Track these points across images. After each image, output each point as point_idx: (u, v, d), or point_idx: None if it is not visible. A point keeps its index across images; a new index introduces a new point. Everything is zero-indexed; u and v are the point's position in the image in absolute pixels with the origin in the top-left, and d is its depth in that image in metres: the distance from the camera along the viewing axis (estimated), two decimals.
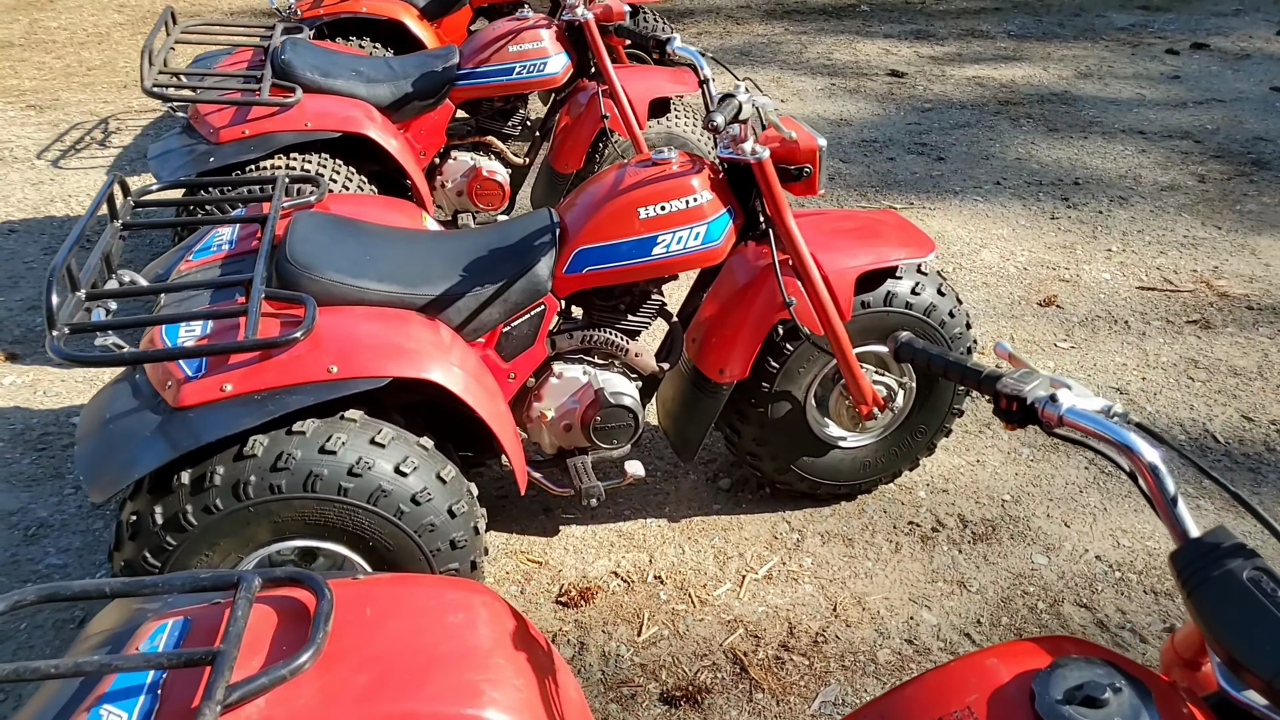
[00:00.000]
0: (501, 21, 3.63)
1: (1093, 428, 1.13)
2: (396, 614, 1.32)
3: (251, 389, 1.82)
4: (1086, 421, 1.13)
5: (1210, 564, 0.98)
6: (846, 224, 2.51)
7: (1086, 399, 1.18)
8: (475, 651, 1.29)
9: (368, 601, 1.33)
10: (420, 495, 1.89)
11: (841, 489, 2.71)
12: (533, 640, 1.38)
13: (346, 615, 1.28)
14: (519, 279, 2.22)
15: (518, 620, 1.39)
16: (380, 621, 1.30)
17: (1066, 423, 1.15)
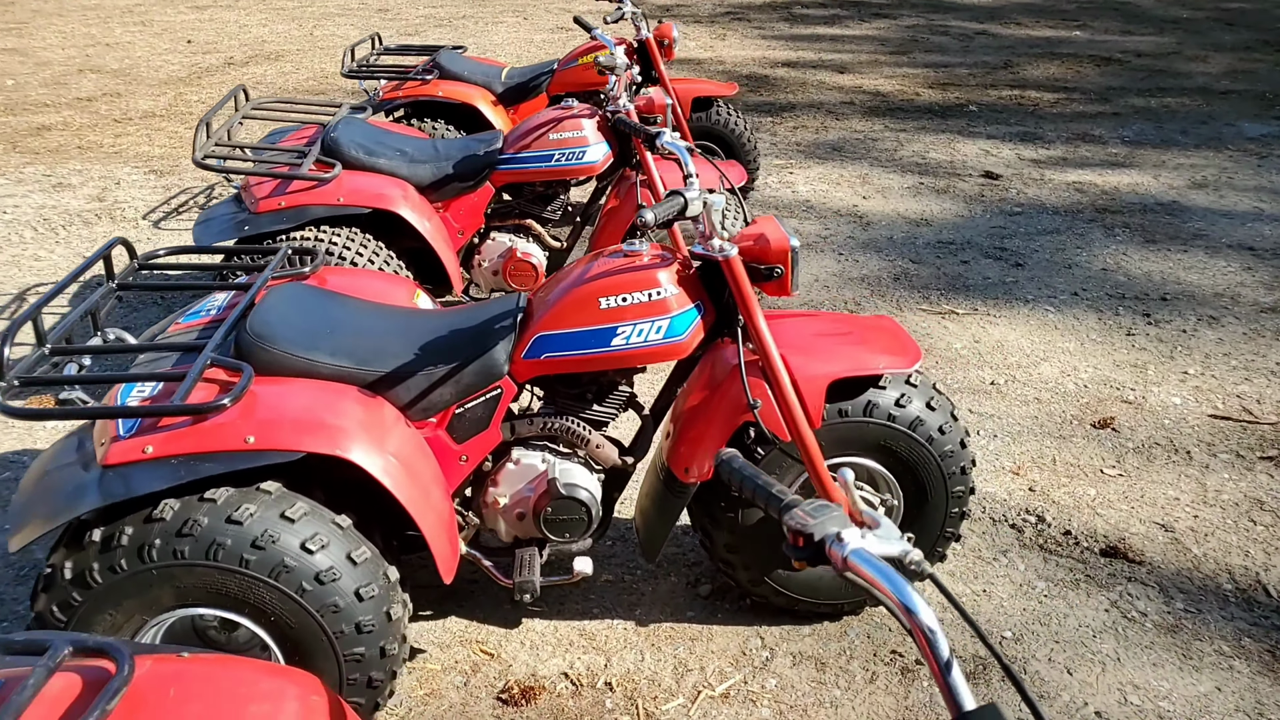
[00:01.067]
0: (548, 110, 3.71)
1: (875, 576, 1.01)
2: (198, 698, 1.28)
3: (171, 452, 1.85)
4: (869, 568, 1.02)
5: None
6: (832, 328, 2.40)
7: (882, 542, 1.06)
8: None
9: (175, 681, 1.30)
10: (325, 574, 1.87)
11: (821, 607, 2.55)
12: None
13: (147, 693, 1.25)
14: (474, 361, 2.20)
15: (335, 717, 1.33)
16: (179, 704, 1.26)
17: (850, 566, 1.03)
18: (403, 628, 2.02)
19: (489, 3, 12.13)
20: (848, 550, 1.03)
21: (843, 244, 5.13)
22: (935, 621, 0.98)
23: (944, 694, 0.95)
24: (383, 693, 2.01)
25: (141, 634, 1.88)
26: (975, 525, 2.98)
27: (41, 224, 5.18)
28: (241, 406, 1.91)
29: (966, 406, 3.62)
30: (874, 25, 11.14)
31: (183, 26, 10.40)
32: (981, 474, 3.22)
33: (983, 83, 8.57)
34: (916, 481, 2.42)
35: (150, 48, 9.33)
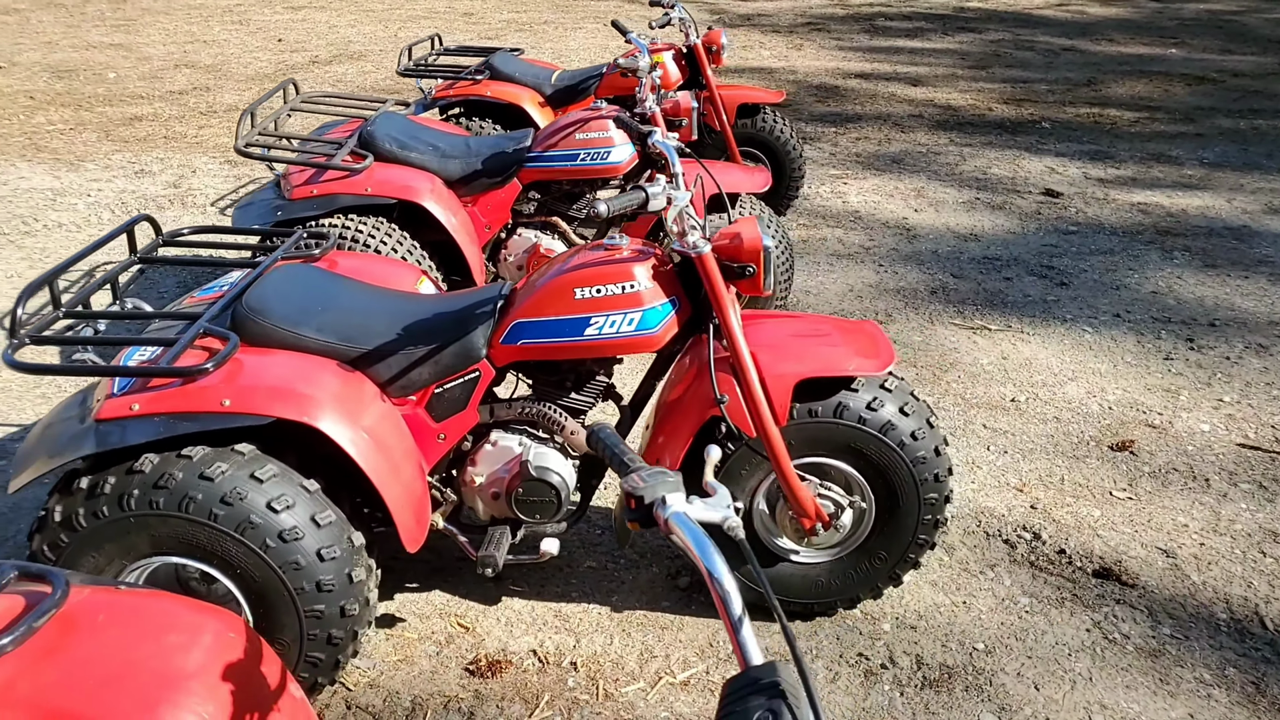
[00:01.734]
0: (576, 111, 3.81)
1: (687, 537, 1.07)
2: (122, 624, 1.40)
3: (155, 410, 2.00)
4: (684, 529, 1.08)
5: (740, 698, 0.92)
6: (809, 328, 2.43)
7: (707, 509, 1.12)
8: (175, 673, 1.35)
9: (104, 609, 1.42)
10: (288, 533, 1.99)
11: (791, 606, 2.58)
12: (258, 677, 1.43)
13: (77, 616, 1.38)
14: (453, 343, 2.31)
15: (251, 655, 1.44)
16: (104, 628, 1.39)
17: (670, 528, 1.09)
18: (366, 591, 2.13)
19: (572, 9, 12.34)
20: (669, 513, 1.09)
21: (885, 255, 5.11)
22: (733, 584, 1.03)
23: (735, 649, 1.00)
24: (343, 650, 2.12)
25: (122, 578, 2.03)
26: (967, 538, 2.96)
27: (119, 206, 5.51)
28: (224, 373, 2.05)
29: (981, 422, 3.58)
30: (957, 39, 10.98)
31: (276, 25, 10.87)
32: (984, 489, 3.20)
33: (1061, 99, 8.39)
34: (888, 486, 2.43)
35: (243, 45, 9.79)
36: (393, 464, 2.14)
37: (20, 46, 9.54)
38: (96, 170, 6.12)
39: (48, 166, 6.16)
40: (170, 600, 1.47)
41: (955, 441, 3.45)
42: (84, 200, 5.59)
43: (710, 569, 1.04)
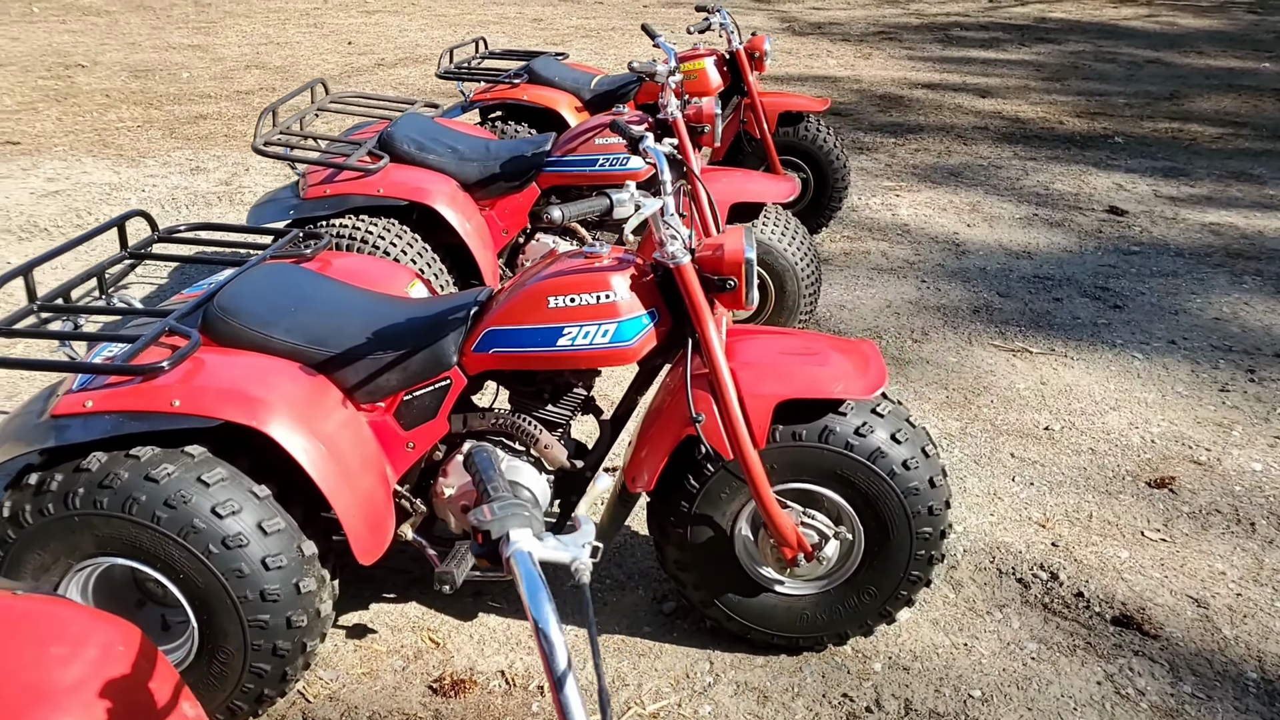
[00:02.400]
0: (598, 115, 3.73)
1: (522, 578, 0.97)
2: (3, 633, 1.36)
3: (107, 408, 1.97)
4: (521, 570, 0.97)
5: None
6: (800, 347, 2.30)
7: (556, 548, 1.02)
8: (49, 685, 1.30)
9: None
10: (232, 539, 1.94)
11: (774, 638, 2.44)
12: (145, 693, 1.37)
13: None
14: (423, 350, 2.24)
15: (140, 670, 1.38)
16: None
17: (509, 566, 0.99)
18: (316, 603, 2.07)
19: (642, 15, 12.30)
20: (511, 549, 0.99)
21: (929, 271, 4.91)
22: (560, 638, 0.93)
23: (556, 707, 0.90)
24: (290, 662, 2.07)
25: (68, 578, 2.01)
26: (978, 574, 2.78)
27: (169, 202, 5.62)
28: (181, 372, 2.01)
29: (1010, 450, 3.39)
30: (1034, 50, 10.62)
31: (348, 29, 11.07)
32: (1003, 522, 3.01)
33: (1138, 113, 8.02)
34: (877, 517, 2.28)
35: (314, 48, 9.98)
36: (346, 472, 2.07)
37: (105, 47, 9.88)
38: (155, 166, 6.26)
39: (110, 162, 6.33)
40: (64, 608, 1.42)
41: (978, 470, 3.27)
42: (137, 195, 5.72)
43: (536, 618, 0.94)
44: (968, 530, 2.96)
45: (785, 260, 3.71)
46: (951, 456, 3.34)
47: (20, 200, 5.56)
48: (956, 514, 3.04)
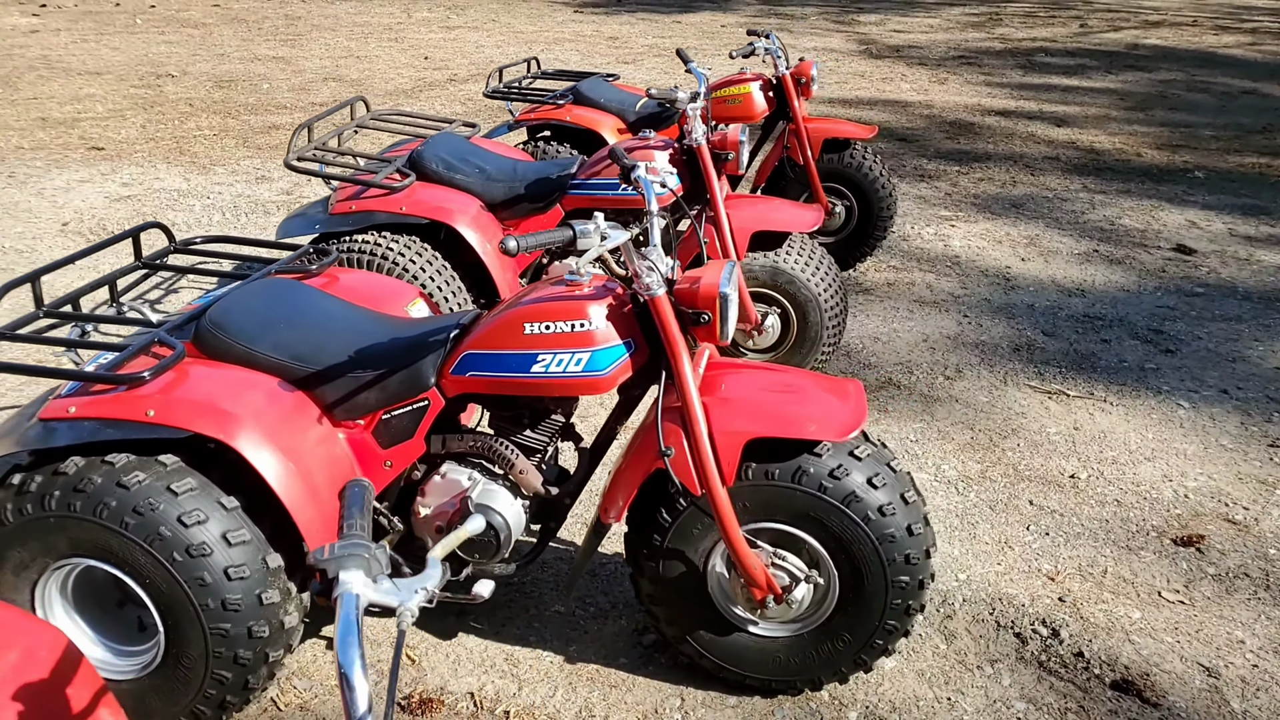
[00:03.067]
0: (626, 140, 3.74)
1: (340, 623, 0.97)
2: None
3: (87, 415, 2.04)
4: (341, 614, 0.97)
5: None
6: (782, 384, 2.26)
7: (389, 592, 1.01)
8: None
9: None
10: (196, 549, 1.99)
11: (747, 680, 2.40)
12: (62, 699, 1.41)
13: None
14: (401, 370, 2.27)
15: (59, 675, 1.42)
16: None
17: (335, 607, 0.99)
18: (280, 614, 2.11)
19: (717, 35, 12.32)
20: (339, 590, 1.00)
21: (974, 306, 4.79)
22: (362, 683, 0.93)
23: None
24: (253, 672, 2.11)
25: (45, 575, 2.08)
26: (974, 626, 2.69)
27: (231, 210, 5.83)
28: (161, 383, 2.08)
29: (1029, 497, 3.27)
30: (1121, 78, 10.29)
31: (426, 44, 11.33)
32: (1010, 573, 2.90)
33: (1225, 147, 7.70)
34: (851, 562, 2.22)
35: (391, 62, 10.24)
36: (312, 488, 2.11)
37: (196, 57, 10.31)
38: (224, 175, 6.50)
39: (183, 169, 6.59)
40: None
41: (992, 516, 3.16)
42: (201, 202, 5.94)
43: (342, 661, 0.93)
44: (970, 579, 2.86)
45: (808, 291, 3.65)
46: (965, 501, 3.24)
47: (95, 204, 5.83)
48: (961, 562, 2.94)
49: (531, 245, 1.95)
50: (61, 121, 7.62)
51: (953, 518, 3.15)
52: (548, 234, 2.00)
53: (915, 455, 3.50)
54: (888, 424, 3.70)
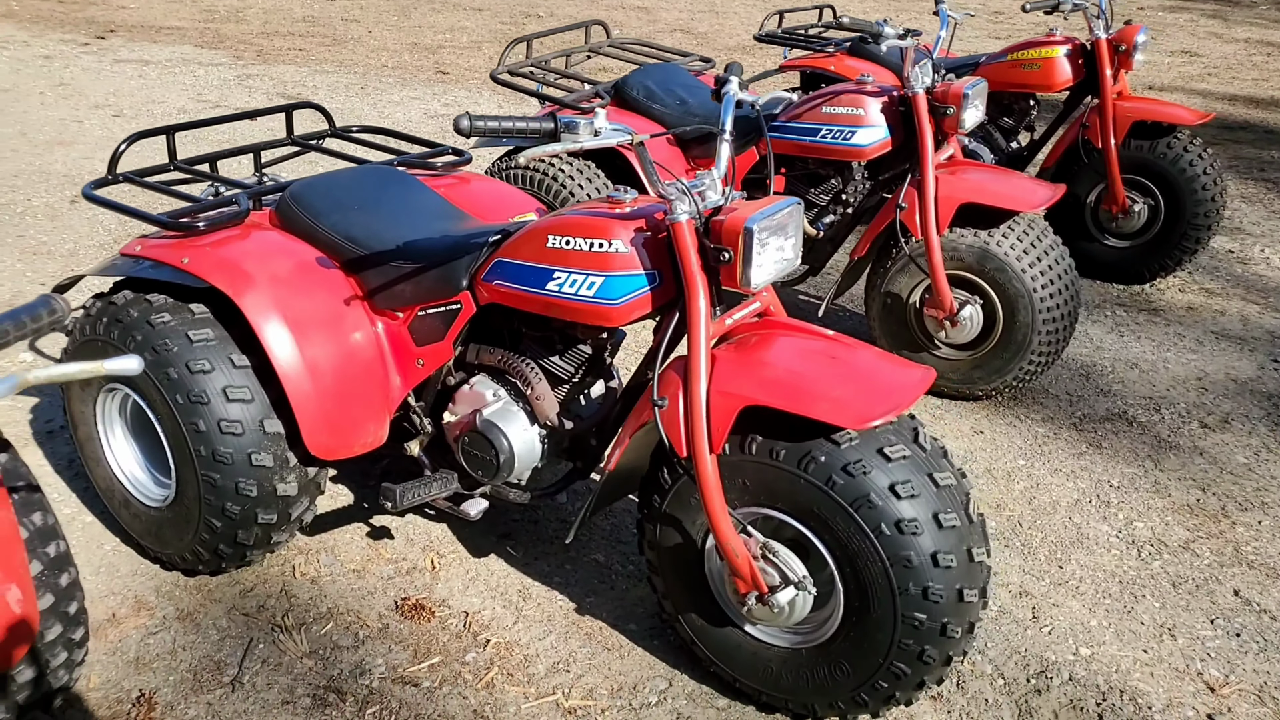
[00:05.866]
0: (843, 83, 3.36)
1: None
2: None
3: (147, 255, 2.21)
4: None
5: None
6: (827, 351, 1.88)
7: None
8: None
9: None
10: (195, 395, 2.07)
11: (737, 683, 2.08)
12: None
13: None
14: (437, 267, 2.20)
15: None
16: None
17: None
18: (275, 479, 2.15)
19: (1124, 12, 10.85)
20: None
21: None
22: None
23: None
24: (243, 528, 2.17)
25: (101, 396, 2.30)
26: (1066, 712, 2.12)
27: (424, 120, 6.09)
28: (213, 238, 2.19)
29: (1236, 586, 2.53)
30: None
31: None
32: (1158, 665, 2.26)
33: None
34: (857, 580, 1.83)
35: (744, 19, 10.18)
36: (314, 365, 2.11)
37: (569, 2, 10.94)
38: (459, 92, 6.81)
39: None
40: None
41: (1169, 595, 2.48)
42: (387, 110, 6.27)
43: None
44: (1094, 658, 2.27)
45: (1020, 284, 3.07)
46: (1143, 569, 2.58)
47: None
48: (1093, 635, 2.34)
49: (490, 128, 1.76)
50: (427, 48, 8.46)
51: (1112, 584, 2.52)
52: (522, 119, 1.79)
53: (1106, 503, 2.84)
54: (1090, 460, 3.04)
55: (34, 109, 6.45)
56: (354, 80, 7.39)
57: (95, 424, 2.35)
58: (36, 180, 5.18)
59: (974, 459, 3.04)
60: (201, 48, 8.39)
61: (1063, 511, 2.80)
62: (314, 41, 8.76)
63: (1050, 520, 2.76)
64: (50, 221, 4.65)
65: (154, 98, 6.80)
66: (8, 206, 4.80)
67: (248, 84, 7.25)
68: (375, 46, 8.59)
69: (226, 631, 2.28)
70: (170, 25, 9.30)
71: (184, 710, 2.08)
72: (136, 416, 2.37)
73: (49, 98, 6.73)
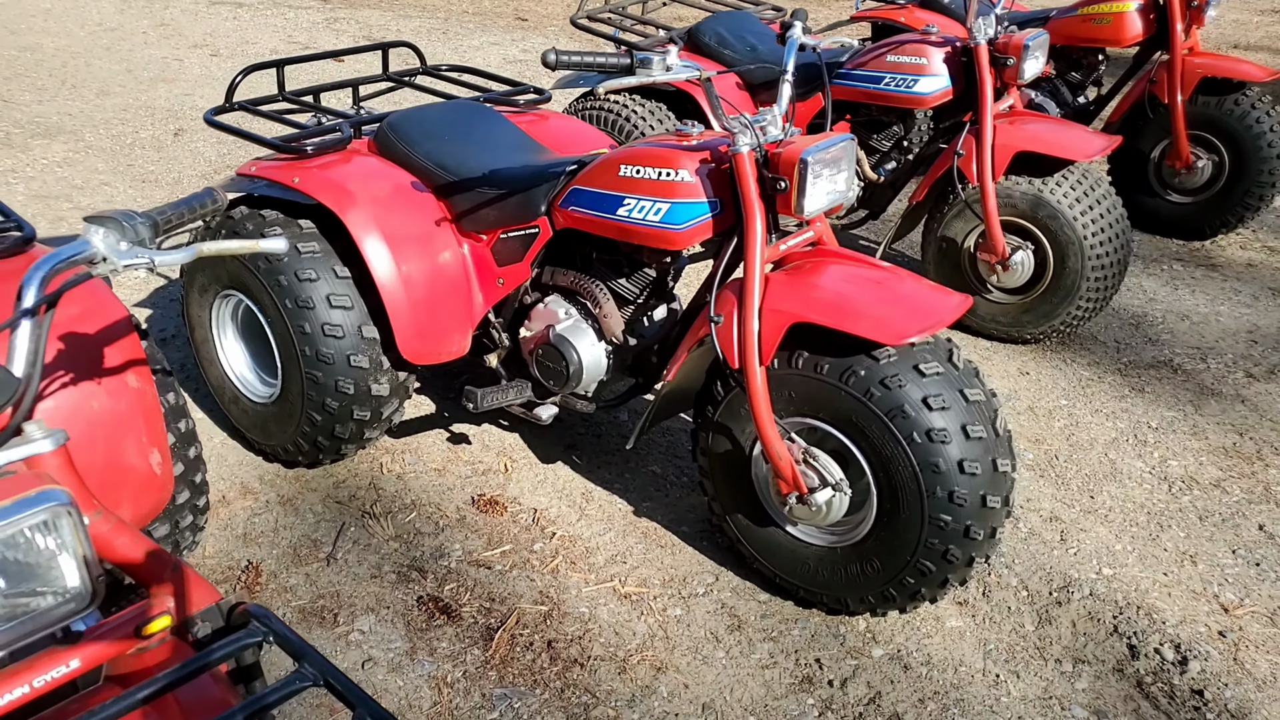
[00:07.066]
0: (909, 33, 3.46)
1: None
2: None
3: (260, 174, 2.47)
4: None
5: None
6: (873, 279, 2.05)
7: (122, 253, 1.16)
8: None
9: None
10: (303, 300, 2.34)
11: (778, 580, 2.29)
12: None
13: None
14: (519, 193, 2.41)
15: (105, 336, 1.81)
16: None
17: None
18: (370, 380, 2.40)
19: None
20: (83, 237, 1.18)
21: None
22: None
23: None
24: (340, 422, 2.44)
25: (217, 301, 2.58)
26: (1084, 621, 2.30)
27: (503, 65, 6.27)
28: (321, 161, 2.43)
29: (1260, 522, 2.65)
30: None
31: None
32: (1175, 588, 2.41)
33: None
34: (890, 483, 2.02)
35: None
36: (409, 277, 2.35)
37: None
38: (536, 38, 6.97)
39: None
40: None
41: (1194, 528, 2.62)
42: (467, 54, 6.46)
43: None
44: (1116, 577, 2.43)
45: (1071, 231, 3.18)
46: (1172, 502, 2.71)
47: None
48: (1117, 558, 2.50)
49: (573, 62, 1.96)
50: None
51: (1140, 514, 2.66)
52: (601, 55, 1.99)
53: (1143, 442, 2.97)
54: (1131, 402, 3.16)
55: (138, 47, 6.81)
56: (436, 25, 7.62)
57: (211, 327, 2.63)
58: (143, 114, 5.52)
59: (1018, 397, 3.18)
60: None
61: (1099, 448, 2.94)
62: None
63: (1086, 455, 2.91)
64: (156, 153, 4.98)
65: (248, 38, 7.12)
66: (119, 138, 5.15)
67: (335, 27, 7.52)
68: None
69: (322, 516, 2.56)
70: None
71: (285, 579, 2.36)
72: (247, 321, 2.65)
73: (151, 37, 7.09)
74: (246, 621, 1.03)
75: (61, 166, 4.76)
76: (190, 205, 1.34)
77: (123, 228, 1.19)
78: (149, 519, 1.88)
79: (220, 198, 1.39)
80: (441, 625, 2.22)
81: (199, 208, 1.35)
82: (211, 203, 1.37)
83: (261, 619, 1.01)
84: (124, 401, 1.69)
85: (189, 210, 1.33)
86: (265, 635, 0.99)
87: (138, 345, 1.76)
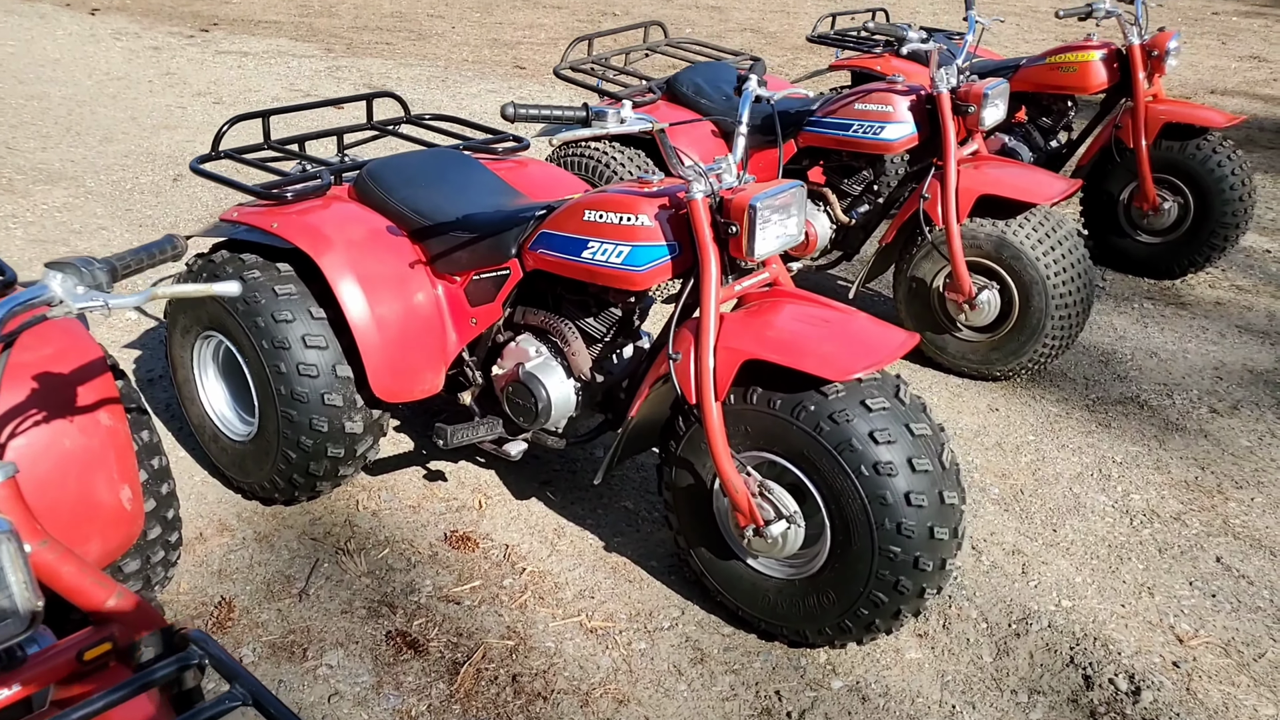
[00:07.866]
0: (875, 82, 3.58)
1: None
2: None
3: (241, 220, 2.56)
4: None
5: None
6: (821, 317, 2.14)
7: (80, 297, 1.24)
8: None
9: None
10: (278, 342, 2.42)
11: (740, 612, 2.35)
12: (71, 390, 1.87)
13: None
14: (490, 237, 2.50)
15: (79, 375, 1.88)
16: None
17: None
18: (344, 419, 2.48)
19: (1201, 20, 10.75)
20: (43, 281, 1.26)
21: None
22: None
23: None
24: (315, 460, 2.50)
25: (198, 342, 2.66)
26: (1041, 653, 2.34)
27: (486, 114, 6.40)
28: (300, 207, 2.53)
29: (1219, 553, 2.70)
30: None
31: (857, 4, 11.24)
32: (1132, 618, 2.46)
33: None
34: (842, 516, 2.08)
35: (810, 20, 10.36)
36: (382, 318, 2.43)
37: (643, 1, 11.23)
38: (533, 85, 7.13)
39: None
40: None
41: (1154, 560, 2.67)
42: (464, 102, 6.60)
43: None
44: (1074, 610, 2.48)
45: (1035, 271, 3.27)
46: (1132, 535, 2.77)
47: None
48: (1075, 590, 2.55)
49: (532, 115, 2.06)
50: (506, 43, 8.84)
51: (1101, 547, 2.71)
52: (559, 107, 2.09)
53: (1107, 477, 3.03)
54: (1097, 437, 3.22)
55: (143, 96, 6.99)
56: (436, 73, 7.80)
57: (192, 367, 2.71)
58: (144, 160, 5.67)
59: (986, 433, 3.25)
60: (296, 40, 8.91)
61: (1064, 483, 3.00)
62: (400, 36, 9.22)
63: (1051, 490, 2.96)
64: (155, 197, 5.11)
65: (251, 86, 7.30)
66: (119, 184, 5.29)
67: (337, 75, 7.71)
68: (457, 41, 9.01)
69: (296, 552, 2.62)
70: (268, 19, 9.86)
71: (258, 614, 2.42)
72: (228, 361, 2.73)
73: (157, 85, 7.27)
74: (186, 645, 1.10)
75: (61, 211, 4.89)
76: (150, 251, 1.42)
77: (80, 273, 1.27)
78: (119, 553, 1.94)
79: (180, 244, 1.48)
80: (409, 660, 2.27)
81: (158, 254, 1.43)
82: (171, 249, 1.45)
83: (199, 642, 1.08)
84: (96, 438, 1.76)
85: (148, 256, 1.41)
86: (201, 657, 1.06)
87: (111, 384, 1.83)
